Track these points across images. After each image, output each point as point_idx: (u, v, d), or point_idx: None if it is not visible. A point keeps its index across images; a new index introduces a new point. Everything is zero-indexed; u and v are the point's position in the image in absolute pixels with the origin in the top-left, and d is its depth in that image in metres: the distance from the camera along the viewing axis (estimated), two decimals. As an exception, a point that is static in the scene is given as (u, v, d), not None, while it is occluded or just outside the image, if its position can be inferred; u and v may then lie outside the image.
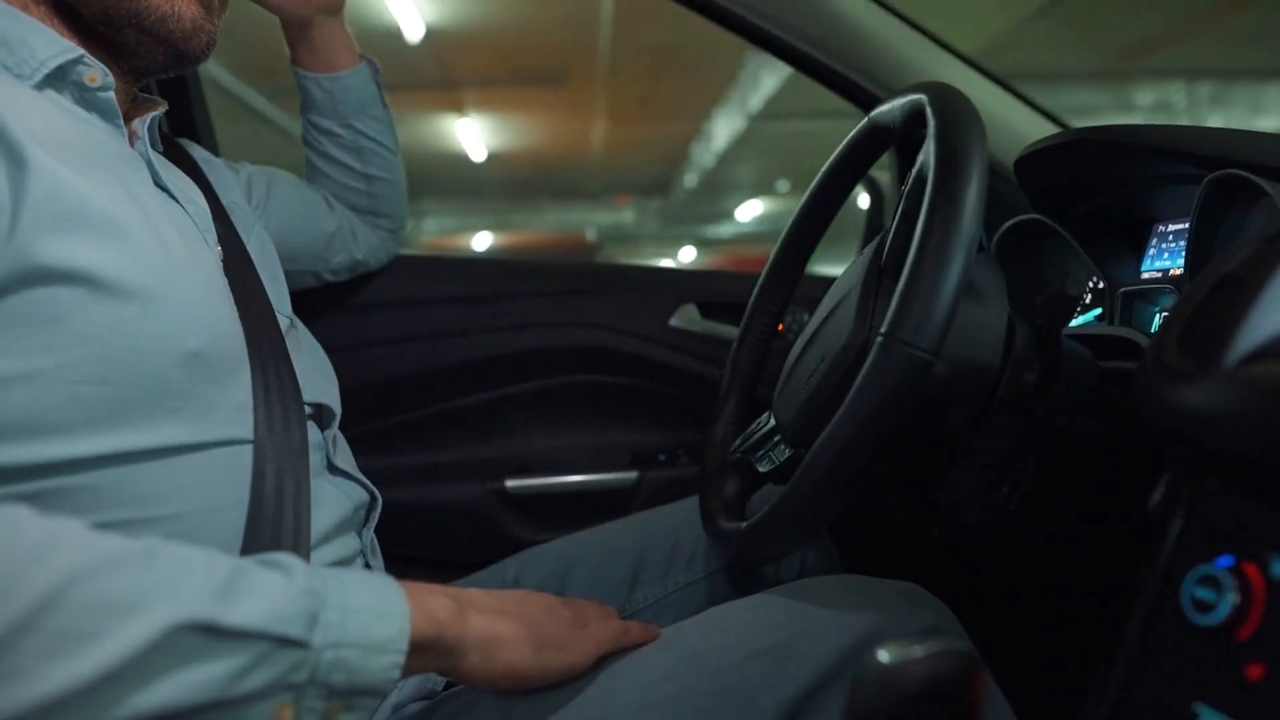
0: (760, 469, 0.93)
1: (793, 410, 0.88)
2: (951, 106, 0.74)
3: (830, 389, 0.80)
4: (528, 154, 13.18)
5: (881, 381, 0.65)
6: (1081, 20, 7.43)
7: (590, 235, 14.63)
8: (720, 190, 14.69)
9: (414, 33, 7.89)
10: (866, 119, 0.91)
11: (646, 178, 15.80)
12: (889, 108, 0.86)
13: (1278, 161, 0.83)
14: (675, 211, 16.94)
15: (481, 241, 10.96)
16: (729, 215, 16.54)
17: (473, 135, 11.98)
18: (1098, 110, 9.46)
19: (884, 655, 0.45)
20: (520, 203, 16.78)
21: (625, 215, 17.17)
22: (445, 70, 9.07)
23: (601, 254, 10.18)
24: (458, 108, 10.77)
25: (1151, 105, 9.66)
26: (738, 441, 0.98)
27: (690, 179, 14.10)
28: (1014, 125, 1.30)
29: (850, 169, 0.98)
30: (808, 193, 1.02)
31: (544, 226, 16.32)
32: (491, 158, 13.06)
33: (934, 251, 0.64)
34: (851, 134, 0.95)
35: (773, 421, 0.92)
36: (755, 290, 1.06)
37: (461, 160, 13.08)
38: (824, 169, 0.99)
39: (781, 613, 0.75)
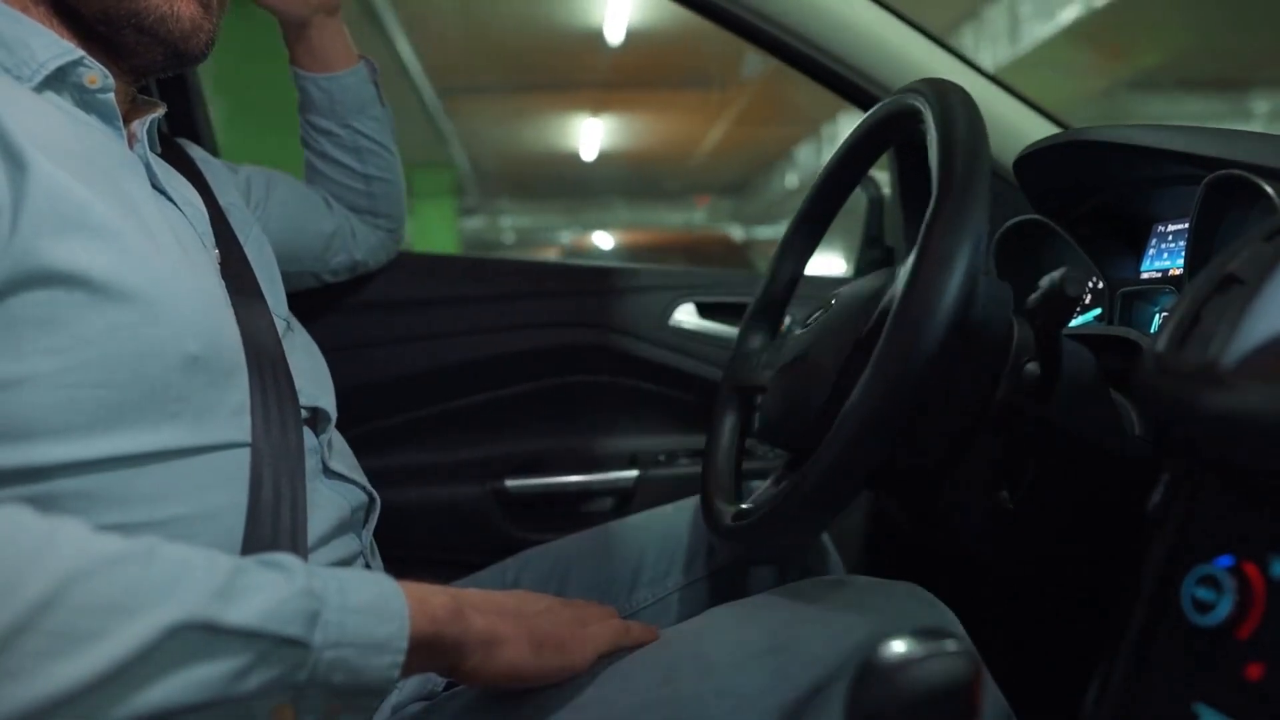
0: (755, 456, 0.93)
1: (778, 414, 0.88)
2: (957, 123, 0.73)
3: (812, 416, 0.81)
4: (634, 154, 13.32)
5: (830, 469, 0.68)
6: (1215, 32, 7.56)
7: (737, 235, 14.40)
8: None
9: (616, 35, 8.15)
10: (873, 116, 0.91)
11: (729, 179, 15.80)
12: (892, 108, 0.86)
13: (1276, 162, 0.83)
14: (748, 212, 16.93)
15: (604, 241, 11.07)
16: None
17: (594, 135, 12.25)
18: (1217, 118, 9.67)
19: (884, 656, 0.45)
20: (592, 201, 16.80)
21: (698, 215, 17.14)
22: (614, 72, 9.29)
23: (756, 254, 10.15)
24: (595, 108, 10.87)
25: (1267, 114, 9.79)
26: (738, 425, 0.98)
27: (791, 179, 14.16)
28: (1014, 125, 1.30)
29: (850, 168, 0.98)
30: (813, 187, 1.01)
31: (659, 225, 16.32)
32: (601, 157, 13.23)
33: (917, 310, 0.64)
34: (852, 133, 0.95)
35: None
36: (764, 282, 1.06)
37: (572, 159, 13.47)
38: (826, 167, 0.99)
39: (782, 613, 0.75)
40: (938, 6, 7.95)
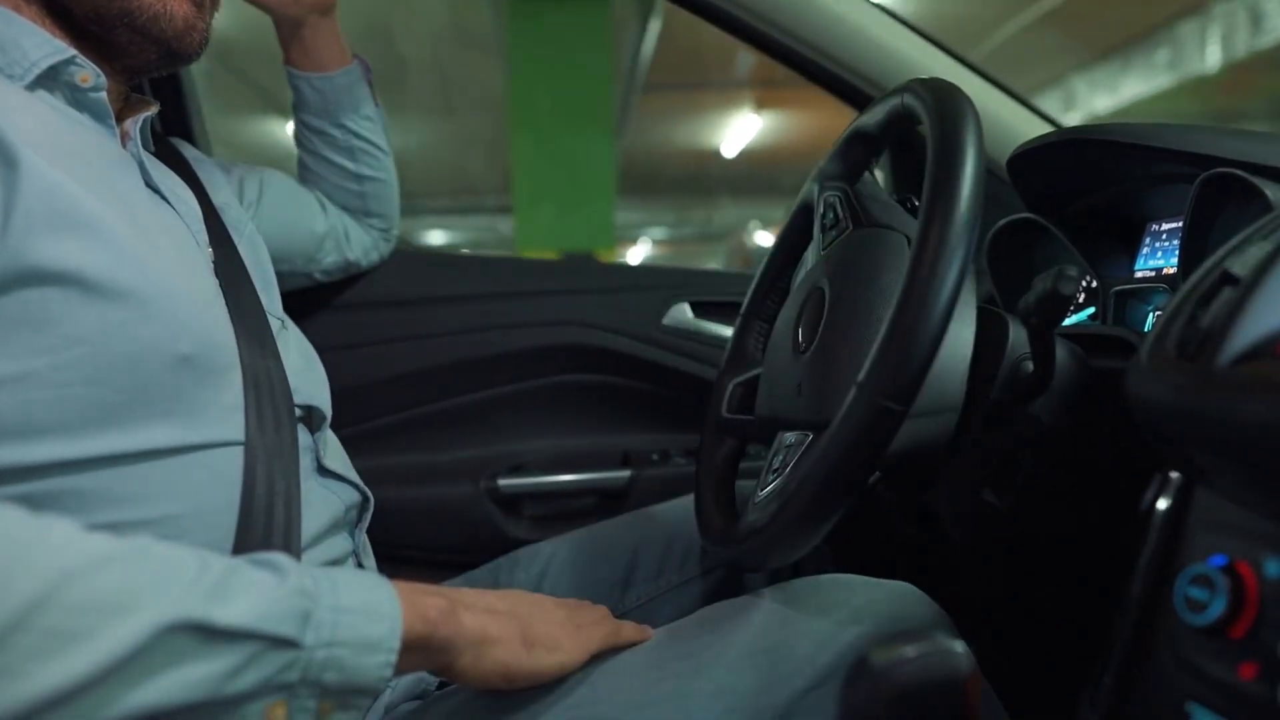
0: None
1: (770, 414, 0.88)
2: (953, 122, 0.72)
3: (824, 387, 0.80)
4: (776, 149, 13.26)
5: (850, 432, 0.65)
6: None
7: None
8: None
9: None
10: (869, 115, 0.90)
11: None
12: (888, 107, 0.85)
13: (1270, 160, 0.83)
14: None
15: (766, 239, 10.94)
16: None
17: (746, 132, 12.19)
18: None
19: (878, 656, 0.45)
20: (697, 198, 16.72)
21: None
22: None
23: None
24: (761, 105, 10.95)
25: None
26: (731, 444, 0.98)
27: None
28: (1007, 123, 1.30)
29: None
30: (800, 196, 1.01)
31: (761, 219, 16.23)
32: (741, 154, 13.26)
33: (916, 305, 0.64)
34: (846, 131, 0.94)
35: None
36: (750, 291, 1.06)
37: (711, 156, 13.49)
38: (821, 165, 0.98)
39: (775, 613, 0.74)
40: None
